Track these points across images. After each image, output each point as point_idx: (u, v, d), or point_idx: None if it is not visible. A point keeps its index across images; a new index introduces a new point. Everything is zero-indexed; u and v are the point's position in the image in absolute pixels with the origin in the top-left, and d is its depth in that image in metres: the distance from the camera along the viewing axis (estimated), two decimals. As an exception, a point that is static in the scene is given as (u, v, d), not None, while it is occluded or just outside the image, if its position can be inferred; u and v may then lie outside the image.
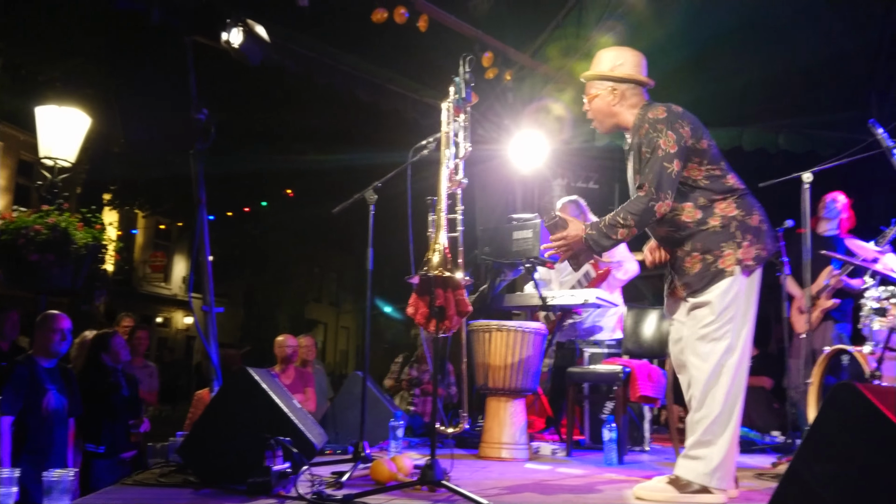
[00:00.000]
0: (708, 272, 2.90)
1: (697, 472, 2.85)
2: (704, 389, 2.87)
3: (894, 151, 3.68)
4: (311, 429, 3.11)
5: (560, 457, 4.52)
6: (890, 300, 4.01)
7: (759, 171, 4.82)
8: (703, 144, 2.96)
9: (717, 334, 2.87)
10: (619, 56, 3.13)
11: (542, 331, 4.45)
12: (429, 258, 2.93)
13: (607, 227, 2.88)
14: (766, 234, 2.95)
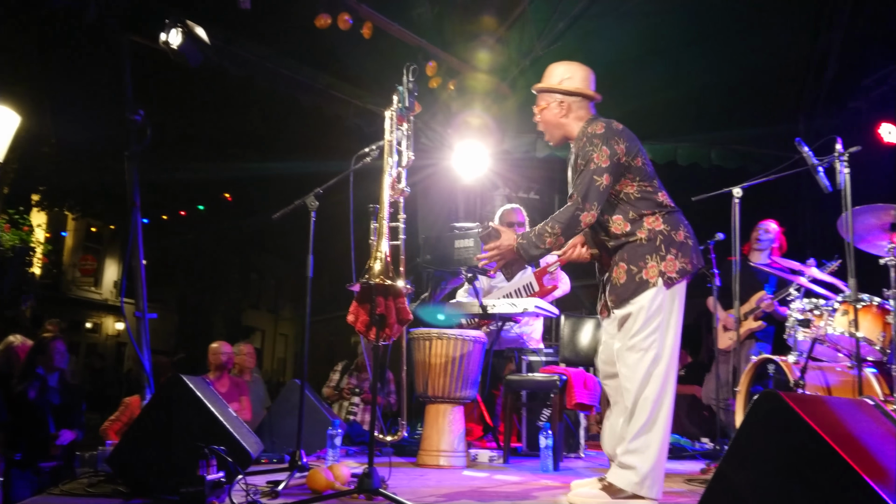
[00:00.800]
0: (633, 283, 3.01)
1: (629, 480, 2.92)
2: (634, 399, 2.95)
3: (819, 169, 3.85)
4: (246, 437, 3.06)
5: (497, 464, 4.56)
6: (813, 312, 4.19)
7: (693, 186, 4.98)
8: (637, 162, 3.09)
9: (644, 344, 2.96)
10: (567, 70, 3.24)
11: (482, 339, 4.49)
12: (370, 266, 2.93)
13: (536, 237, 3.01)
14: (691, 250, 3.06)
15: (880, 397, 3.97)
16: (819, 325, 4.09)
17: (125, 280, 4.51)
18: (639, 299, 2.99)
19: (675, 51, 6.40)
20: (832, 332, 4.05)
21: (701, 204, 4.72)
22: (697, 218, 5.92)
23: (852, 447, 2.02)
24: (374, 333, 2.91)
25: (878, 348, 3.94)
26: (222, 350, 6.30)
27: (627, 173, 3.06)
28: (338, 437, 3.91)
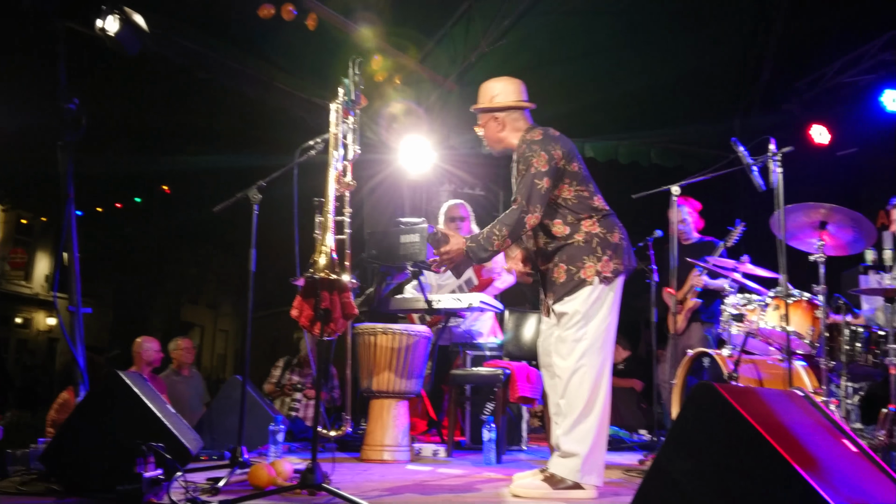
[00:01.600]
0: (571, 281, 3.15)
1: (570, 468, 3.01)
2: (569, 390, 3.06)
3: (753, 168, 3.97)
4: (185, 434, 3.00)
5: (441, 457, 4.58)
6: (747, 307, 4.33)
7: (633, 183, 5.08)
8: (573, 167, 3.25)
9: (578, 336, 3.10)
10: (496, 86, 3.40)
11: (427, 334, 4.49)
12: (315, 260, 2.90)
13: (485, 240, 3.14)
14: (624, 251, 3.22)
15: (810, 389, 4.13)
16: (752, 320, 4.23)
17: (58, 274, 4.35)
18: (577, 296, 3.12)
19: (616, 49, 6.52)
20: (764, 327, 4.19)
21: (641, 201, 4.84)
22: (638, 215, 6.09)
23: (783, 437, 2.10)
24: (319, 328, 2.88)
25: (808, 342, 4.09)
26: (146, 346, 6.14)
27: (564, 178, 3.21)
28: (280, 434, 3.87)
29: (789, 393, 2.57)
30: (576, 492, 3.00)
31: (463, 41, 6.64)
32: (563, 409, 3.08)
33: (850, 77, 6.40)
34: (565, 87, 6.58)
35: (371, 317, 4.85)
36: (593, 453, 3.01)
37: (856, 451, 2.37)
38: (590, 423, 3.02)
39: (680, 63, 6.60)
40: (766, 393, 2.43)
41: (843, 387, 3.84)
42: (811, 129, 6.56)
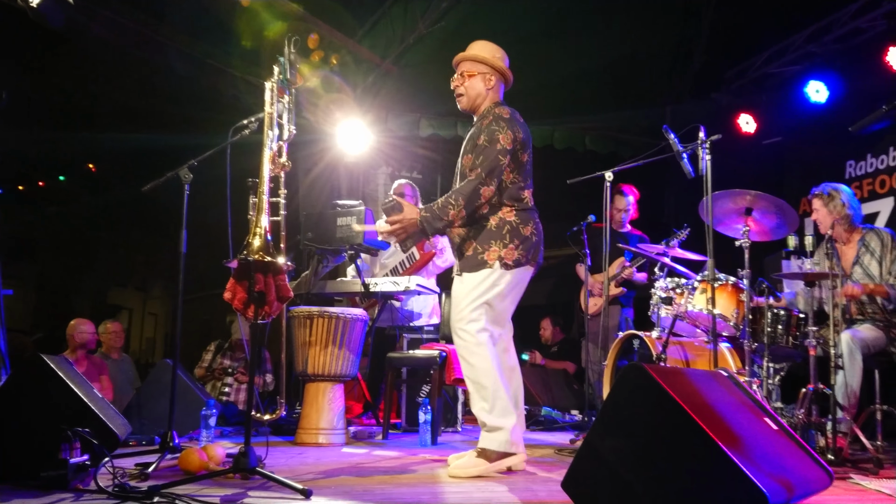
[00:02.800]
0: (475, 259, 3.24)
1: (499, 440, 3.13)
2: (476, 370, 3.17)
3: (683, 155, 4.07)
4: (113, 419, 2.93)
5: (377, 440, 4.59)
6: (675, 290, 4.46)
7: (568, 169, 5.16)
8: (523, 157, 3.31)
9: (473, 315, 3.19)
10: (497, 49, 3.48)
11: (364, 317, 4.48)
12: (249, 242, 2.85)
13: (440, 209, 3.17)
14: (532, 246, 3.29)
15: (734, 370, 4.29)
16: (680, 303, 4.36)
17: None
18: (476, 275, 3.22)
19: (553, 35, 6.56)
20: (692, 309, 4.33)
21: (576, 186, 4.93)
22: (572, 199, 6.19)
23: (708, 415, 2.18)
24: (253, 311, 2.84)
25: (733, 324, 4.25)
26: (80, 328, 5.99)
27: (512, 162, 3.25)
28: (212, 418, 3.81)
29: (714, 373, 2.67)
30: (508, 459, 3.15)
31: (401, 22, 6.58)
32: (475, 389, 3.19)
33: (777, 68, 6.61)
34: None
35: (307, 300, 4.81)
36: (512, 421, 3.15)
37: (776, 429, 2.49)
38: (501, 397, 3.15)
39: (614, 50, 6.68)
40: (692, 373, 2.52)
41: (765, 367, 4.00)
42: (739, 118, 6.76)
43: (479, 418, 3.20)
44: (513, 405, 3.19)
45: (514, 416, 3.17)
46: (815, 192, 4.50)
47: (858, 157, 5.79)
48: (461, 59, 3.43)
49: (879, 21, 5.70)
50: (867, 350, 4.05)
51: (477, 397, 3.19)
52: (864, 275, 4.34)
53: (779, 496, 2.02)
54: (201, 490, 2.63)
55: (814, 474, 2.36)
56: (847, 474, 3.30)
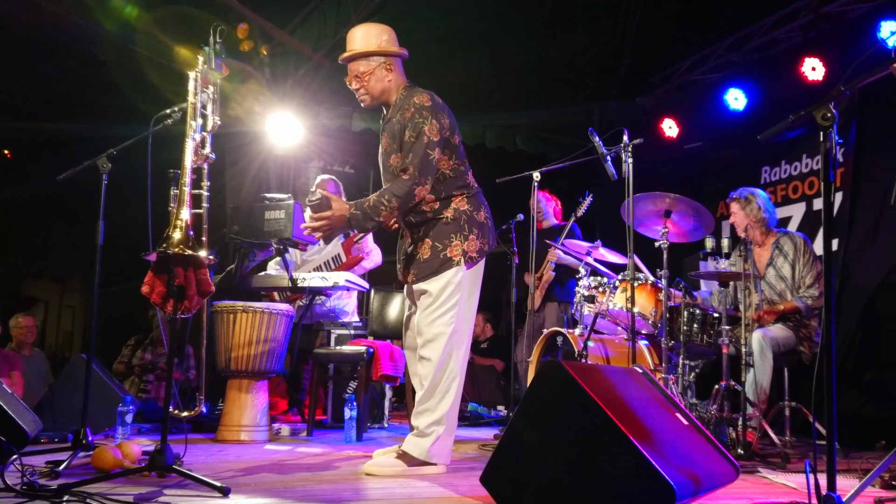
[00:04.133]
0: (437, 259, 3.11)
1: (422, 447, 3.07)
2: (430, 372, 3.08)
3: (607, 158, 4.17)
4: (22, 415, 2.82)
5: (301, 437, 4.56)
6: (598, 289, 4.57)
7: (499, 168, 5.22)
8: (455, 140, 3.17)
9: (444, 318, 3.08)
10: (381, 31, 3.20)
11: (290, 312, 4.44)
12: (169, 234, 2.78)
13: (371, 209, 3.01)
14: (489, 231, 3.21)
15: (650, 367, 4.43)
16: (602, 301, 4.47)
17: None
18: (442, 276, 3.09)
19: (485, 33, 6.62)
20: (613, 308, 4.45)
21: (506, 185, 4.99)
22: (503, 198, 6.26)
23: (621, 410, 2.25)
24: (172, 305, 2.77)
25: (651, 322, 4.38)
26: None
27: (446, 149, 3.11)
28: (129, 415, 3.71)
29: (629, 370, 2.75)
30: (427, 468, 3.08)
31: (334, 15, 6.52)
32: (424, 389, 3.11)
33: (699, 75, 6.83)
34: (434, 67, 6.62)
35: (232, 294, 4.72)
36: (445, 434, 3.09)
37: (686, 424, 2.58)
38: (444, 404, 3.07)
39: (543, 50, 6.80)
40: (608, 369, 2.59)
41: (680, 364, 4.13)
42: (663, 123, 6.96)
43: (414, 421, 3.13)
44: (450, 415, 3.10)
45: (442, 424, 3.08)
46: (733, 196, 4.67)
47: (774, 163, 6.04)
48: (350, 60, 3.17)
49: (795, 33, 5.96)
50: (777, 348, 4.24)
51: (425, 400, 3.09)
52: (777, 277, 4.53)
53: (686, 489, 2.10)
54: (114, 489, 2.56)
55: (721, 468, 2.46)
56: (756, 468, 3.45)
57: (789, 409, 4.29)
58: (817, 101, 2.01)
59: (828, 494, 1.91)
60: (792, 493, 2.80)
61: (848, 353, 5.12)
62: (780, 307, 4.40)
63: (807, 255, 4.47)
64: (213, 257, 2.91)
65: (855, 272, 5.18)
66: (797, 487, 2.91)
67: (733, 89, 6.33)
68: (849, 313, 5.14)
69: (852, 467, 3.40)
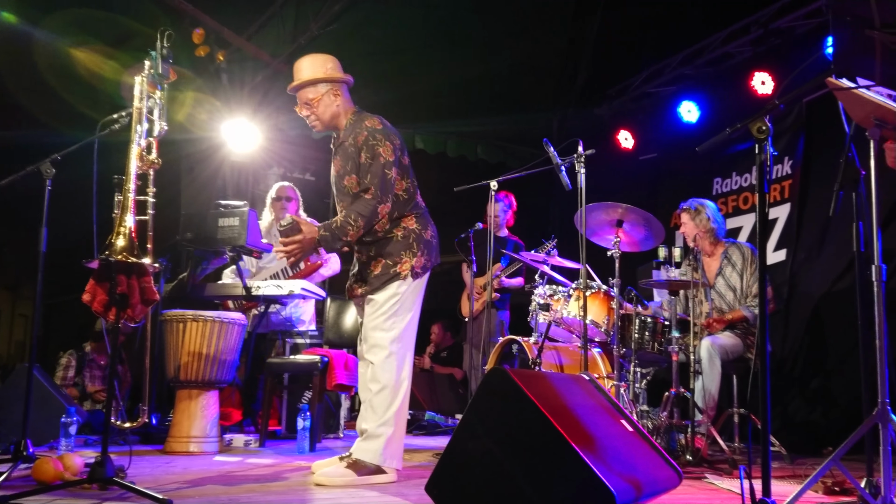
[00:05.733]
0: (386, 274, 3.23)
1: (373, 452, 3.10)
2: (378, 378, 3.15)
3: (562, 168, 4.21)
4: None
5: (253, 447, 4.50)
6: (552, 297, 4.60)
7: (461, 176, 5.24)
8: (405, 160, 3.32)
9: (387, 326, 3.19)
10: (326, 59, 3.35)
11: (242, 321, 4.39)
12: (112, 241, 2.74)
13: (339, 229, 3.14)
14: (434, 248, 3.35)
15: (603, 374, 4.47)
16: (556, 309, 4.50)
17: None
18: (389, 288, 3.22)
19: (449, 44, 6.66)
20: (567, 316, 4.48)
21: (466, 193, 5.01)
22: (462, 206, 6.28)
23: (566, 418, 2.26)
24: (114, 314, 2.72)
25: (603, 330, 4.43)
26: None
27: (398, 170, 3.25)
28: (73, 426, 3.63)
29: (577, 377, 2.78)
30: (378, 476, 3.09)
31: (293, 22, 6.50)
32: (371, 395, 3.15)
33: (654, 87, 6.94)
34: (395, 76, 6.64)
35: (185, 303, 4.65)
36: (395, 437, 3.13)
37: (631, 431, 2.61)
38: (393, 409, 3.13)
39: (508, 61, 6.86)
40: (554, 377, 2.61)
41: (632, 372, 4.18)
42: (619, 134, 7.05)
43: (362, 425, 3.17)
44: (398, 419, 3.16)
45: (391, 429, 3.12)
46: (683, 207, 4.75)
47: (725, 174, 6.15)
48: (298, 89, 3.31)
49: (746, 47, 6.09)
50: (726, 356, 4.31)
51: (371, 411, 3.14)
52: (726, 286, 4.62)
53: (627, 495, 2.12)
54: (53, 501, 2.51)
55: (664, 474, 2.49)
56: (703, 474, 3.50)
57: (738, 415, 4.37)
58: (753, 115, 2.05)
59: (762, 500, 1.94)
60: (736, 498, 2.84)
61: (796, 361, 5.23)
62: (729, 316, 4.48)
63: (754, 264, 4.56)
64: (162, 265, 2.88)
65: (802, 282, 5.30)
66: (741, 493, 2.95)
67: (687, 102, 6.44)
68: (796, 322, 5.26)
69: (797, 473, 3.47)
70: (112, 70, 5.70)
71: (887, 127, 2.32)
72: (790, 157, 5.57)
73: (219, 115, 6.68)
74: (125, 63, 5.52)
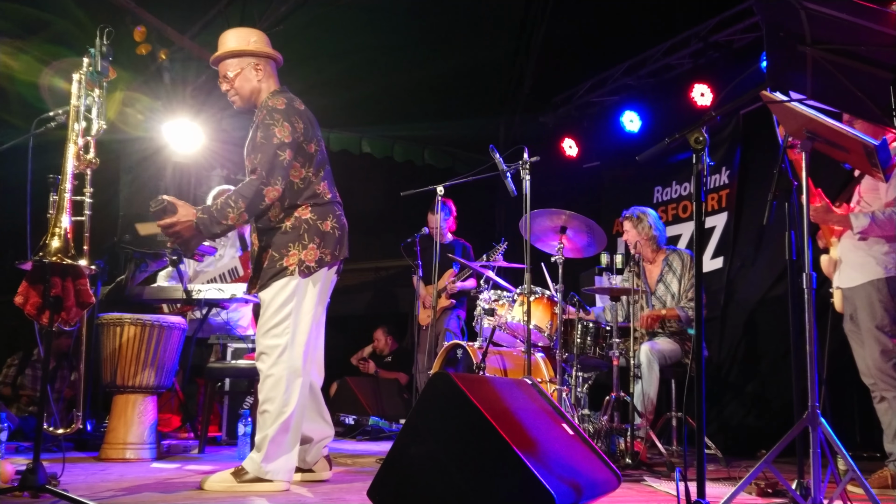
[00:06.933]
0: (273, 268, 3.03)
1: (254, 462, 2.97)
2: (266, 386, 3.00)
3: (507, 174, 4.25)
4: None
5: (193, 454, 4.41)
6: (497, 302, 4.64)
7: (408, 181, 5.25)
8: (310, 148, 3.10)
9: (276, 330, 3.00)
10: (251, 33, 3.22)
11: (182, 325, 4.30)
12: (46, 243, 2.65)
13: (218, 212, 2.93)
14: (335, 241, 3.09)
15: (546, 378, 4.53)
16: (501, 314, 4.54)
17: None
18: (275, 285, 3.02)
19: (395, 48, 6.66)
20: (511, 321, 4.52)
21: (412, 199, 5.02)
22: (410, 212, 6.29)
23: (507, 421, 2.29)
24: (48, 317, 2.64)
25: (546, 335, 4.48)
26: None
27: (299, 157, 3.06)
28: (3, 432, 3.50)
29: (519, 381, 2.80)
30: (261, 485, 2.96)
31: (238, 22, 6.40)
32: (259, 404, 3.02)
33: (598, 97, 7.08)
34: (341, 79, 6.62)
35: (122, 306, 4.53)
36: (280, 448, 2.97)
37: (572, 435, 2.65)
38: (281, 420, 2.96)
39: (455, 67, 6.90)
40: (497, 381, 2.63)
41: (574, 376, 4.25)
42: (564, 142, 7.16)
43: (257, 437, 3.02)
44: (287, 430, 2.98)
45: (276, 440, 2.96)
46: (626, 215, 4.86)
47: (665, 183, 6.31)
48: (218, 60, 3.15)
49: (687, 60, 6.27)
50: (664, 361, 4.41)
51: (261, 419, 3.00)
52: (666, 292, 4.73)
53: (567, 497, 2.15)
54: (-20, 512, 2.41)
55: (603, 476, 2.54)
56: (642, 476, 3.57)
57: (676, 419, 4.47)
58: (691, 126, 2.11)
59: (696, 501, 1.99)
60: (673, 500, 2.90)
61: (731, 366, 5.39)
62: (663, 312, 4.58)
63: (692, 269, 4.68)
64: (99, 267, 2.80)
65: (738, 289, 5.46)
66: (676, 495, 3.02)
67: (629, 112, 6.58)
68: (733, 328, 5.42)
69: (732, 475, 3.56)
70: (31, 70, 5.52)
71: (819, 140, 2.42)
72: (727, 167, 5.75)
73: (159, 115, 6.54)
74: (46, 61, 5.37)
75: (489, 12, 6.67)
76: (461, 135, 7.64)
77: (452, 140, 7.84)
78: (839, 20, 1.87)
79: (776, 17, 2.01)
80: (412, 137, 7.80)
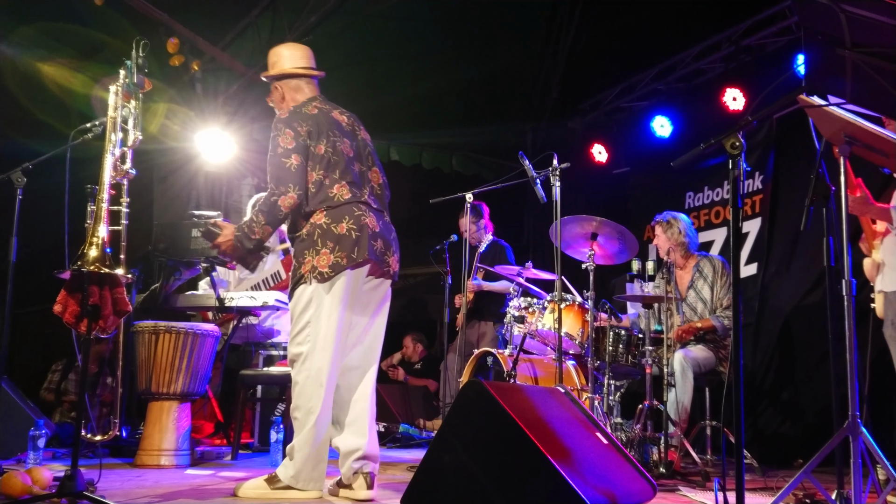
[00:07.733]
0: (294, 277, 3.06)
1: (286, 471, 2.97)
2: (292, 390, 3.04)
3: (537, 181, 4.25)
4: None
5: (226, 461, 4.44)
6: (527, 309, 4.62)
7: (436, 188, 5.26)
8: (319, 149, 3.05)
9: (298, 339, 3.01)
10: (274, 55, 3.31)
11: (215, 332, 4.34)
12: (84, 252, 2.70)
13: (248, 228, 3.05)
14: (351, 243, 2.97)
15: (577, 386, 4.49)
16: (531, 322, 4.52)
17: None
18: (296, 293, 3.04)
19: (423, 56, 6.69)
20: (541, 328, 4.50)
21: (441, 206, 5.03)
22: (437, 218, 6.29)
23: (541, 430, 2.27)
24: (86, 325, 2.68)
25: (578, 342, 4.45)
26: None
27: (308, 160, 3.05)
28: (41, 439, 3.55)
29: (552, 390, 2.79)
30: (297, 492, 2.95)
31: (269, 33, 6.48)
32: (292, 412, 3.03)
33: (627, 102, 7.03)
34: (370, 87, 6.65)
35: (157, 314, 4.59)
36: (310, 458, 2.95)
37: (606, 444, 2.63)
38: (308, 429, 2.94)
39: (483, 74, 6.91)
40: (530, 390, 2.62)
41: (606, 384, 4.21)
42: (593, 148, 7.12)
43: (288, 445, 3.02)
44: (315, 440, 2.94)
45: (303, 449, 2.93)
46: (657, 220, 4.81)
47: (697, 189, 6.24)
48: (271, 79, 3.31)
49: (718, 64, 6.20)
50: (698, 369, 4.35)
51: (294, 426, 3.01)
52: (697, 298, 4.67)
53: (602, 507, 2.13)
54: (20, 517, 2.45)
55: (638, 486, 2.51)
56: (676, 486, 3.52)
57: (710, 428, 4.41)
58: (727, 131, 2.09)
59: (736, 511, 1.96)
60: (709, 510, 2.87)
61: (766, 373, 5.30)
62: (698, 324, 4.52)
63: (724, 277, 4.62)
64: (134, 275, 2.84)
65: (773, 295, 5.38)
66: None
67: (659, 117, 6.53)
68: (767, 335, 5.33)
69: (769, 485, 3.50)
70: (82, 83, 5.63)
71: (857, 144, 2.38)
72: (761, 172, 5.67)
73: (192, 125, 6.63)
74: (96, 76, 5.47)
75: (516, 19, 6.66)
76: (489, 141, 7.64)
77: (480, 147, 7.83)
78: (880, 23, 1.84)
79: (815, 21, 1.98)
80: (440, 144, 7.81)
